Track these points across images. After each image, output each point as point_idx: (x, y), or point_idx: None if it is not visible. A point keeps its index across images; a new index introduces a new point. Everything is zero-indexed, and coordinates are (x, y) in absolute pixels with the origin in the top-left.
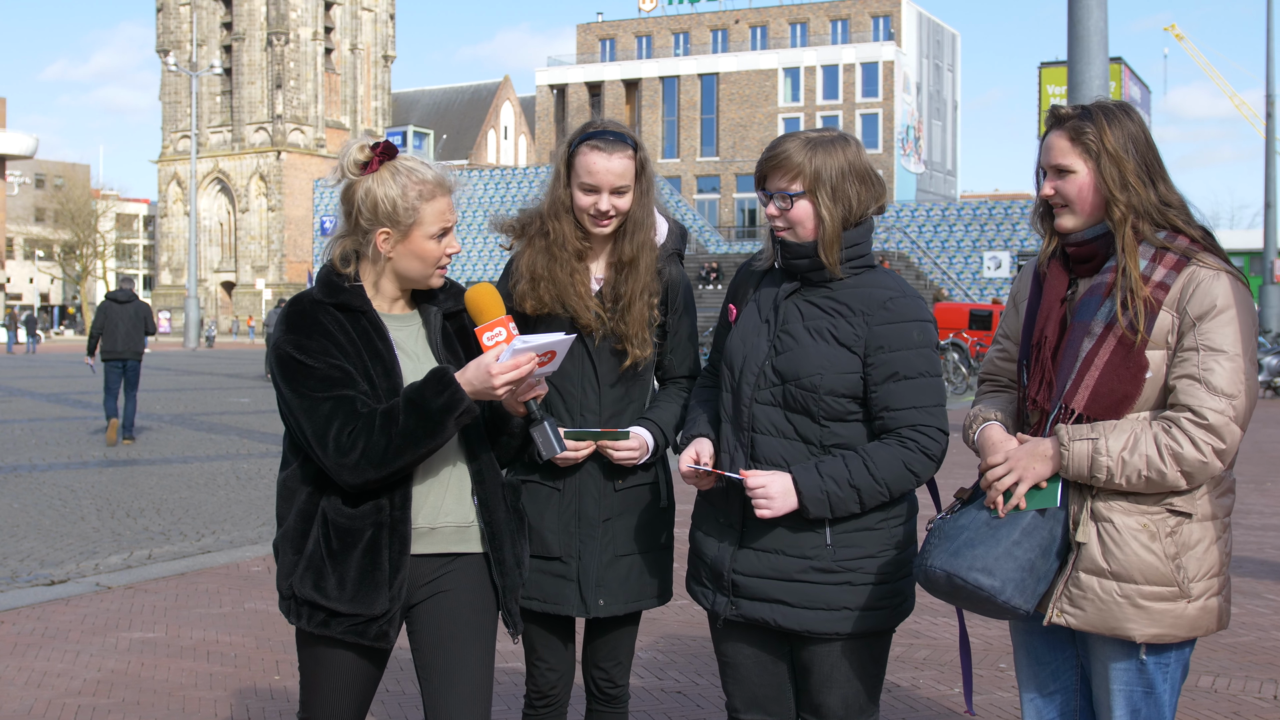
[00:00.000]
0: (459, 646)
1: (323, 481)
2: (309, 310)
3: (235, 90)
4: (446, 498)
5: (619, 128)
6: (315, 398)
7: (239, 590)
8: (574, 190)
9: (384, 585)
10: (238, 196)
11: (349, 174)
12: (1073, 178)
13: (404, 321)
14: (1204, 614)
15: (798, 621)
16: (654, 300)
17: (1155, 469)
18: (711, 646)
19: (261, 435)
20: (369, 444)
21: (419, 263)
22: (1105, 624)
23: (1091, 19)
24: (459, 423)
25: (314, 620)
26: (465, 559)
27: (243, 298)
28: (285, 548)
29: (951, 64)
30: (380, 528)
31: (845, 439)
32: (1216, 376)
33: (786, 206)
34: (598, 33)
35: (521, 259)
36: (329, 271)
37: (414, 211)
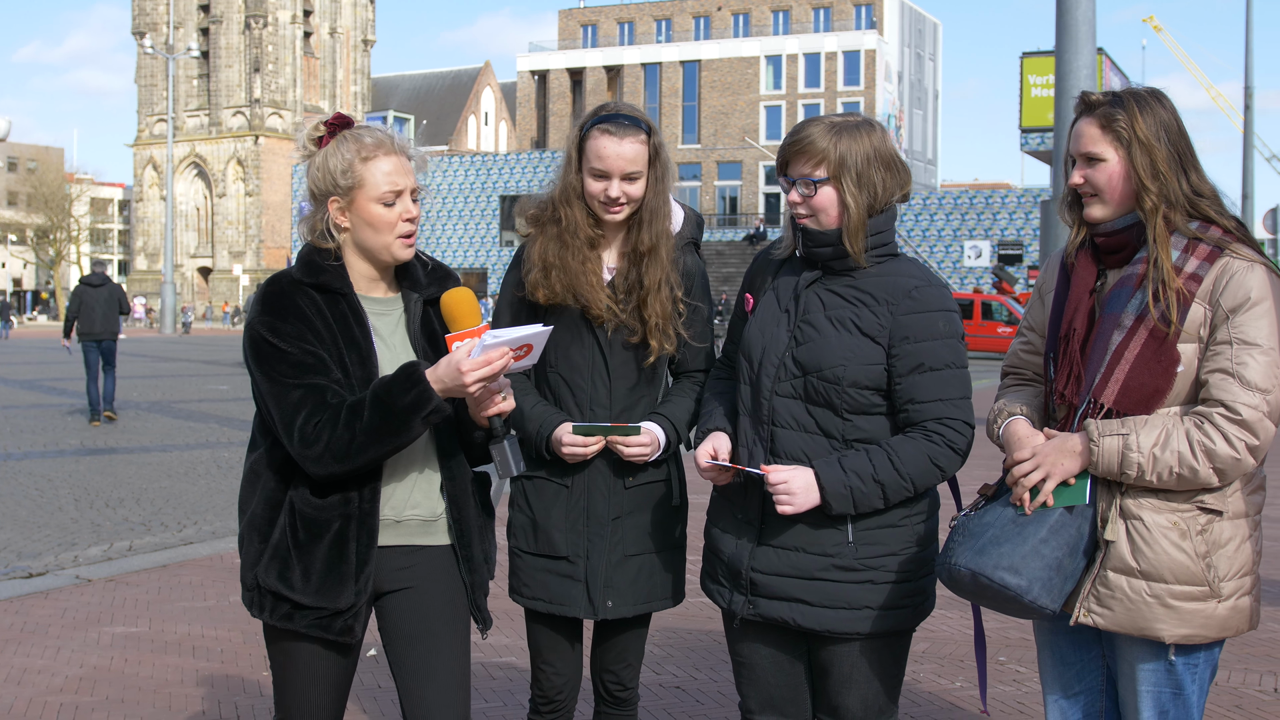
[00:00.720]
0: (432, 640)
1: (292, 468)
2: (286, 291)
3: (212, 73)
4: (415, 490)
5: (633, 111)
6: (286, 383)
7: (223, 582)
8: (585, 176)
9: (350, 579)
10: (215, 181)
11: (307, 152)
12: (1103, 166)
13: (385, 307)
14: (1235, 614)
15: (818, 621)
16: (678, 292)
17: (1187, 465)
18: (710, 640)
19: (242, 423)
20: (333, 437)
21: (372, 231)
22: (1134, 624)
23: (1080, 9)
24: (427, 422)
25: (277, 613)
26: (431, 551)
27: (220, 283)
28: (251, 536)
29: (933, 53)
30: (348, 520)
31: (868, 433)
32: (1250, 370)
33: (810, 193)
34: (580, 18)
35: (534, 247)
36: (310, 250)
37: (352, 173)
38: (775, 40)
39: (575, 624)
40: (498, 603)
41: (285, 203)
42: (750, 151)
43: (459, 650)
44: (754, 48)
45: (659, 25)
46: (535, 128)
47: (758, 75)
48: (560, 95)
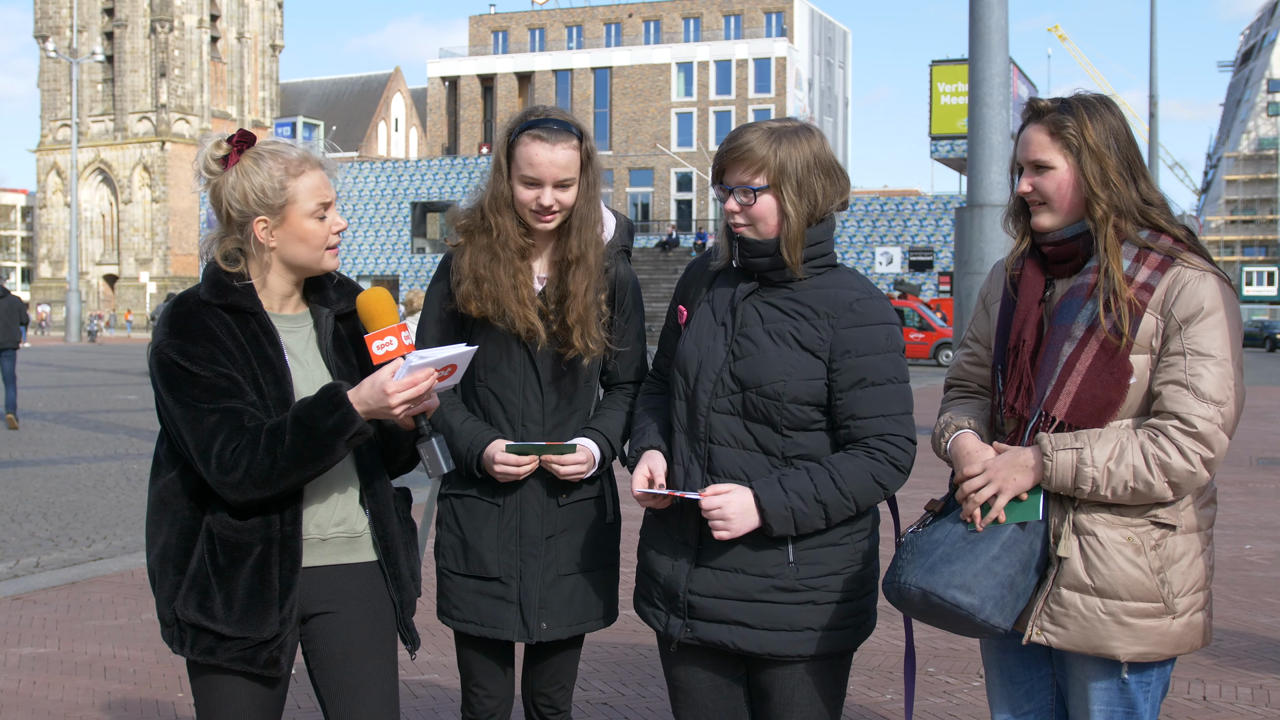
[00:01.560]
0: (360, 662)
1: (206, 493)
2: (195, 312)
3: (118, 78)
4: (337, 507)
5: (563, 115)
6: (200, 409)
7: (135, 600)
8: (515, 183)
9: (273, 605)
10: (121, 187)
11: (209, 173)
12: (1052, 174)
13: (295, 324)
14: (1189, 630)
15: (759, 644)
16: (601, 296)
17: (1143, 480)
18: (636, 655)
19: (151, 434)
20: (253, 462)
21: (304, 246)
22: (1088, 642)
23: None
24: (350, 444)
25: (199, 646)
26: (357, 569)
27: (126, 291)
28: (165, 569)
29: (843, 61)
30: (269, 543)
31: (808, 449)
32: (1205, 382)
33: (749, 202)
34: (490, 24)
35: (463, 258)
36: (215, 271)
37: (283, 191)
38: (686, 47)
39: (507, 646)
40: (420, 618)
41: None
42: (662, 158)
43: (387, 671)
44: (665, 54)
45: (570, 32)
46: (446, 134)
47: (669, 82)
48: (471, 101)
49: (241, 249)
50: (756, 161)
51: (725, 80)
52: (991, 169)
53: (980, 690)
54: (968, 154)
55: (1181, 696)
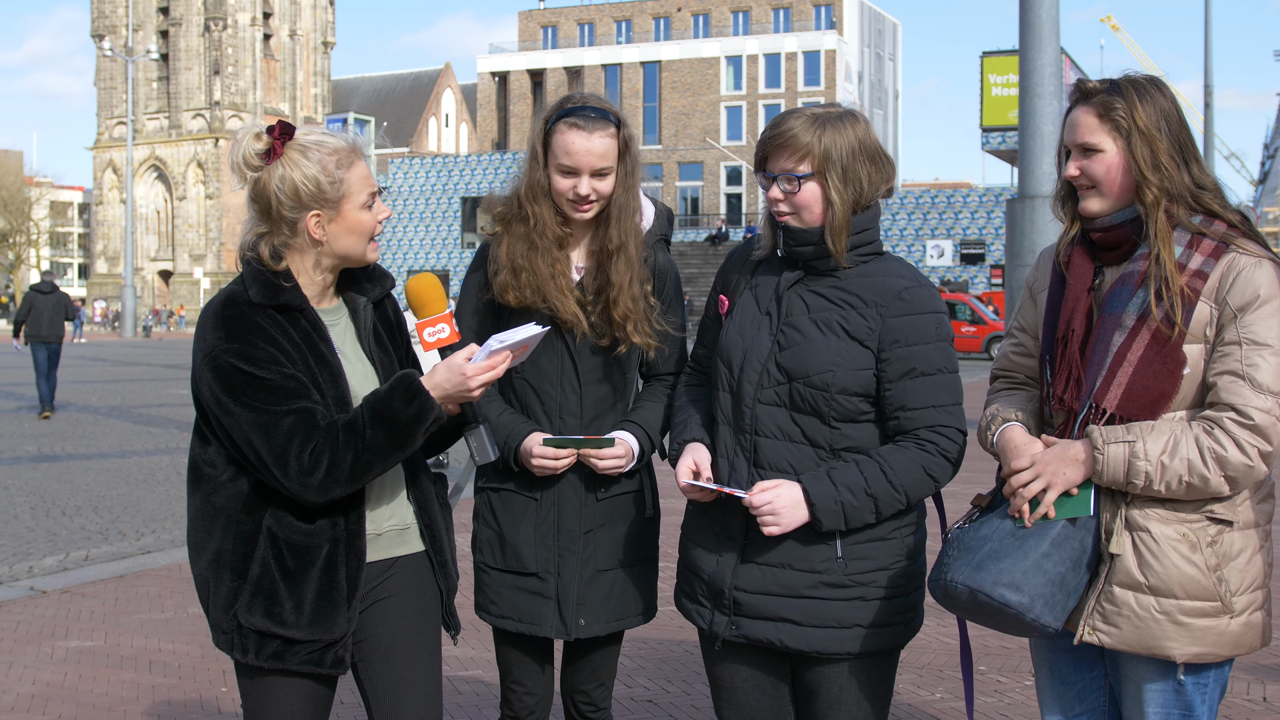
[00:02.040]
0: (406, 655)
1: (264, 497)
2: (247, 314)
3: (172, 76)
4: (384, 500)
5: (600, 103)
6: (273, 412)
7: (182, 594)
8: (551, 172)
9: (342, 605)
10: (175, 184)
11: (250, 168)
12: (1101, 157)
13: (334, 316)
14: (1247, 630)
15: (806, 641)
16: (647, 288)
17: (1198, 474)
18: (681, 651)
19: None
20: (335, 460)
21: (356, 238)
22: (1142, 643)
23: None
24: (428, 432)
25: (265, 652)
26: (404, 560)
27: (180, 286)
28: (220, 575)
29: (893, 53)
30: (336, 543)
31: (856, 441)
32: (1262, 372)
33: (793, 189)
34: (540, 20)
35: (500, 247)
36: (262, 271)
37: (340, 184)
38: (735, 41)
39: (546, 642)
40: (463, 613)
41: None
42: (711, 152)
43: (432, 665)
44: (714, 48)
45: (619, 26)
46: (496, 129)
47: (718, 76)
48: (521, 96)
49: (288, 244)
50: (800, 148)
51: (774, 73)
52: (1043, 160)
53: (1033, 689)
54: (1019, 145)
55: (1240, 697)
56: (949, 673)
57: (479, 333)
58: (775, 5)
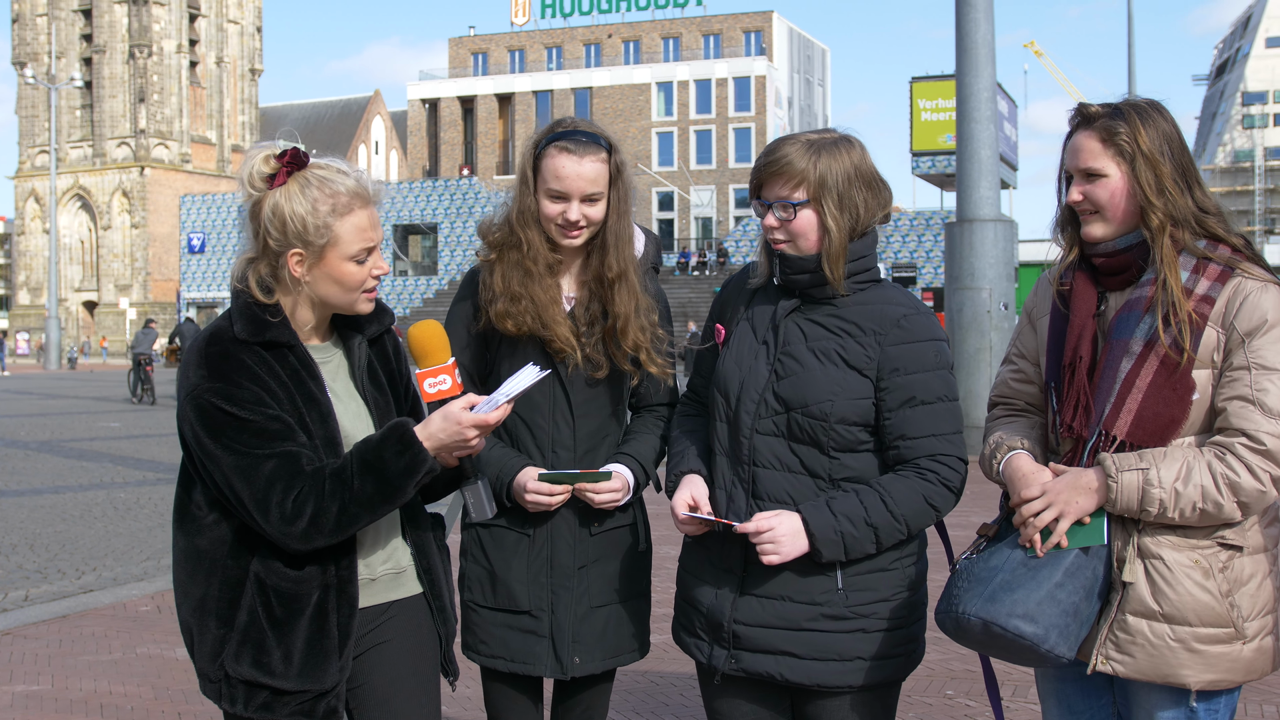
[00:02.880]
0: (403, 703)
1: (250, 541)
2: (231, 352)
3: (96, 104)
4: (380, 543)
5: (591, 127)
6: (254, 455)
7: (128, 633)
8: (540, 197)
9: (334, 654)
10: (100, 213)
11: (253, 189)
12: (1104, 182)
13: (326, 354)
14: (1259, 655)
15: (807, 675)
16: (654, 317)
17: (1212, 500)
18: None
19: (136, 462)
20: (319, 510)
21: (339, 288)
22: (1157, 671)
23: (979, 32)
24: (419, 485)
25: (254, 703)
26: (401, 604)
27: (105, 317)
28: (206, 622)
29: (822, 79)
30: (326, 590)
31: (855, 471)
32: (1271, 397)
33: (789, 217)
34: (470, 46)
35: (494, 275)
36: (249, 305)
37: (327, 230)
38: (666, 67)
39: (537, 682)
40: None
41: (172, 234)
42: (643, 178)
43: (430, 711)
44: (645, 74)
45: (550, 53)
46: (427, 156)
47: (649, 101)
48: (452, 123)
49: (275, 276)
50: (796, 175)
51: (705, 99)
52: (981, 183)
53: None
54: (956, 169)
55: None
56: (917, 697)
57: (471, 367)
58: (705, 31)
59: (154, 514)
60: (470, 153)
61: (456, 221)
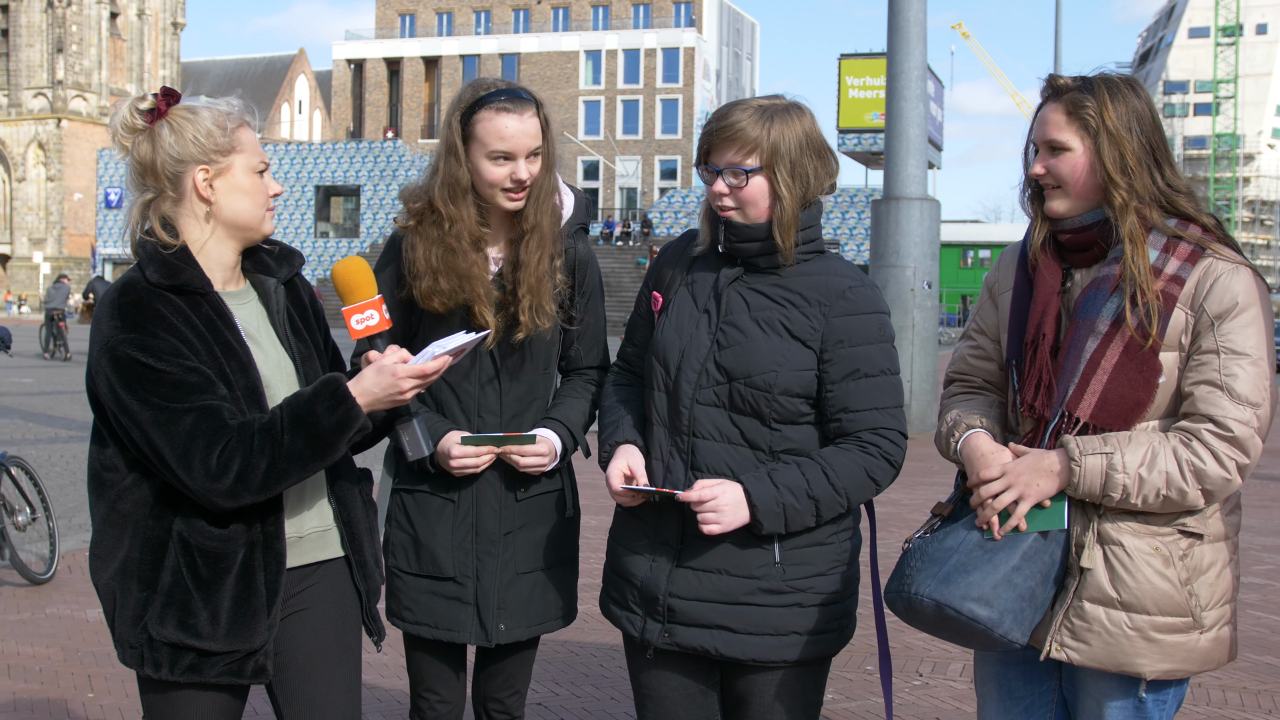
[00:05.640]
0: (325, 671)
1: (172, 501)
2: (145, 300)
3: (12, 53)
4: (305, 500)
5: (515, 85)
6: (172, 409)
7: (38, 594)
8: (480, 163)
9: (261, 613)
10: (14, 165)
11: (133, 130)
12: (1067, 156)
13: (241, 299)
14: (1216, 646)
15: (742, 650)
16: (556, 263)
17: (1176, 487)
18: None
19: (49, 419)
20: (246, 465)
21: (247, 200)
22: (1113, 660)
23: (911, 10)
24: (352, 440)
25: (180, 665)
26: (325, 567)
27: (19, 271)
28: (128, 586)
29: (750, 52)
30: (252, 547)
31: (796, 444)
32: (1240, 383)
33: (740, 184)
34: (397, 8)
35: (417, 251)
36: (156, 248)
37: (231, 136)
38: (595, 35)
39: (460, 649)
40: None
41: (90, 189)
42: (569, 146)
43: (352, 680)
44: (574, 42)
45: (478, 17)
46: (351, 117)
47: (577, 70)
48: (377, 85)
49: (176, 211)
50: (749, 141)
51: (634, 69)
52: (909, 162)
53: (922, 689)
54: (885, 147)
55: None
56: (837, 673)
57: (399, 332)
58: (635, 1)
59: (65, 472)
60: (395, 115)
61: (380, 184)
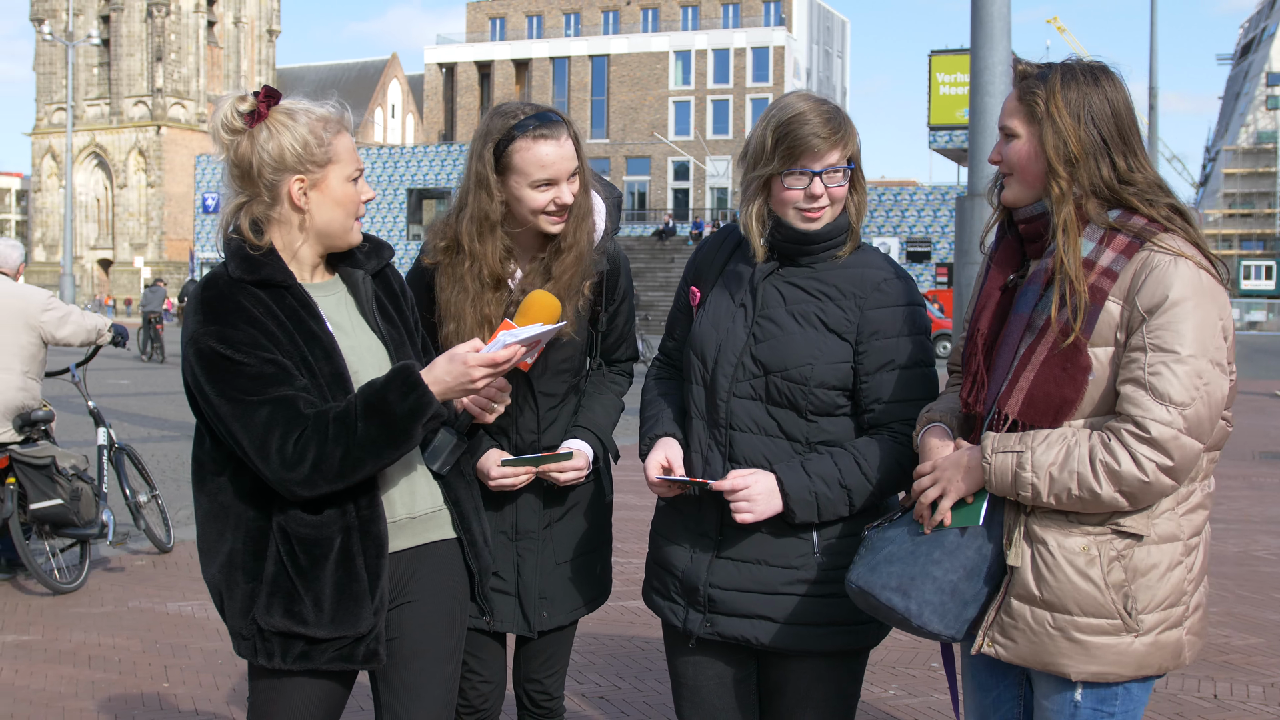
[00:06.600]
0: (427, 662)
1: (269, 491)
2: (227, 293)
3: (114, 62)
4: (415, 481)
5: (543, 107)
6: (248, 401)
7: (123, 587)
8: (522, 192)
9: (365, 598)
10: (116, 172)
11: (232, 131)
12: (1015, 143)
13: (327, 290)
14: (1155, 650)
15: (780, 639)
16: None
17: (1087, 489)
18: (632, 648)
19: (143, 419)
20: (321, 455)
21: (340, 211)
22: (1037, 658)
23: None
24: (427, 428)
25: (292, 654)
26: (436, 548)
27: (120, 275)
28: (234, 578)
29: (841, 50)
30: (349, 532)
31: (832, 435)
32: (1165, 382)
33: (842, 182)
34: (488, 11)
35: (445, 293)
36: (241, 245)
37: (329, 148)
38: (684, 35)
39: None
40: None
41: (188, 194)
42: (659, 147)
43: (452, 674)
44: (663, 43)
45: (568, 19)
46: (443, 121)
47: (666, 70)
48: (468, 88)
49: (268, 215)
50: (851, 139)
51: (723, 69)
52: None
53: None
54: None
55: (1192, 695)
56: (902, 669)
57: None
58: (724, 1)
59: (157, 470)
60: None
61: None
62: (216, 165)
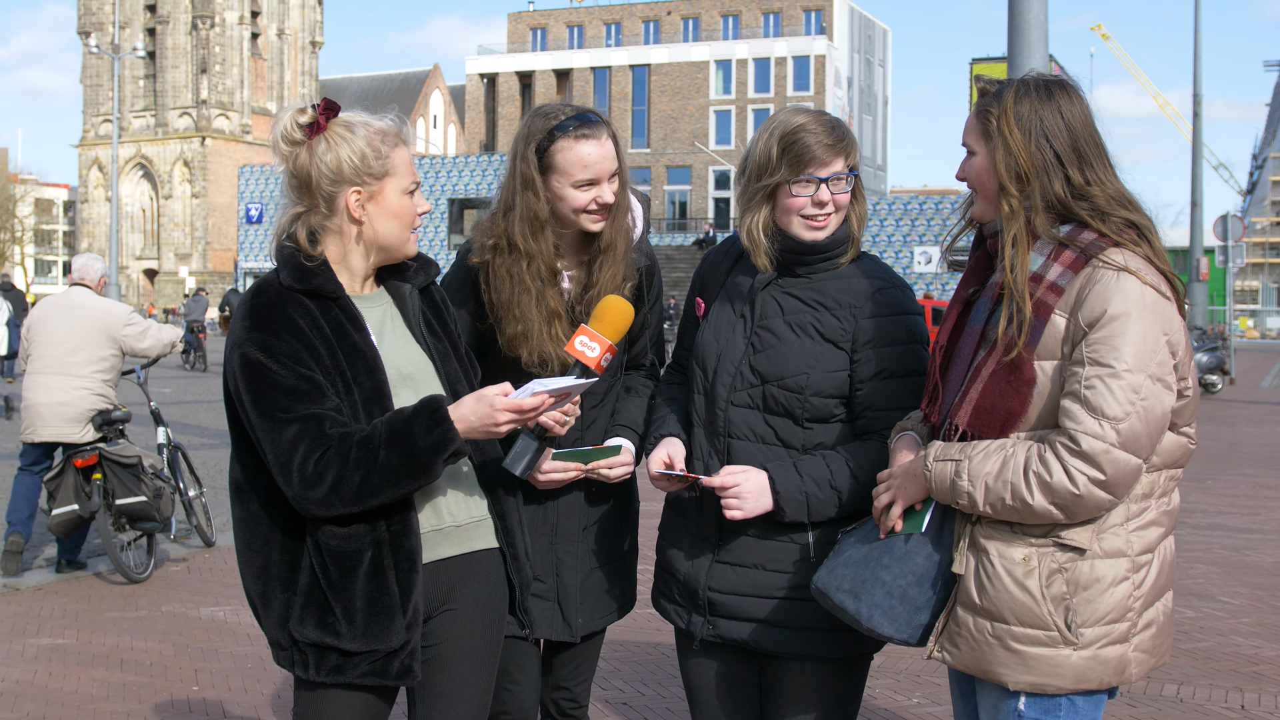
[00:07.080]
0: (465, 666)
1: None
2: (276, 302)
3: (159, 74)
4: (459, 489)
5: (583, 108)
6: (278, 418)
7: (156, 592)
8: (565, 191)
9: (396, 612)
10: (161, 182)
11: (292, 142)
12: (974, 160)
13: (373, 302)
14: (1094, 664)
15: (777, 642)
16: (628, 285)
17: (1020, 498)
18: (658, 655)
19: (183, 427)
20: (340, 477)
21: (396, 223)
22: (978, 666)
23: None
24: (448, 463)
25: (325, 666)
26: (477, 558)
27: (165, 285)
28: (271, 588)
29: (882, 59)
30: (380, 546)
31: (828, 442)
32: (1099, 395)
33: (847, 188)
34: (529, 21)
35: (501, 295)
36: (295, 253)
37: (386, 160)
38: (725, 45)
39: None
40: None
41: (232, 205)
42: (700, 156)
43: (487, 682)
44: (704, 52)
45: (608, 29)
46: (484, 131)
47: (707, 80)
48: (509, 98)
49: (324, 226)
50: (853, 148)
51: (764, 78)
52: None
53: None
54: None
55: (1220, 705)
56: (926, 677)
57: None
58: (765, 9)
59: None
60: None
61: None
62: (260, 176)
